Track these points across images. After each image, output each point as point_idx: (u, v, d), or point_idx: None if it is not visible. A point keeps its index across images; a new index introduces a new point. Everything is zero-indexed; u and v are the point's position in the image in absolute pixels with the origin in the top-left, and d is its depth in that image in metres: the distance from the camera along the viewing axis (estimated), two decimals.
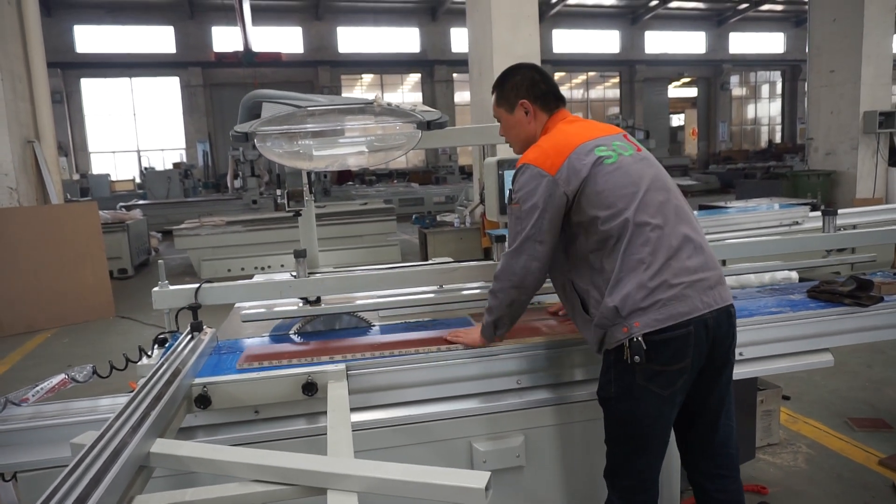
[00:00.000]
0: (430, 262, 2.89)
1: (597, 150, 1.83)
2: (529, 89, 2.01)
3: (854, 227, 4.99)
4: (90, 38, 21.51)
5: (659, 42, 27.55)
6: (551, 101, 2.02)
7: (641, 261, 1.73)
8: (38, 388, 2.03)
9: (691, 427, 1.93)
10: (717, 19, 27.90)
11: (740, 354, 2.24)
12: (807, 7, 10.68)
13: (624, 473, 1.88)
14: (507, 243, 1.91)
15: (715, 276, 1.80)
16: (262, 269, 8.80)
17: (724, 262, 3.47)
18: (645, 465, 1.85)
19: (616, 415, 1.84)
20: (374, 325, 2.46)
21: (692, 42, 28.26)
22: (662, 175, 1.90)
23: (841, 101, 9.90)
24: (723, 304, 1.79)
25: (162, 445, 1.32)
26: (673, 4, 25.54)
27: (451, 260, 2.82)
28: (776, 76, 30.49)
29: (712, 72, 28.66)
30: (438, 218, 8.97)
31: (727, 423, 1.93)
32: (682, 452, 2.00)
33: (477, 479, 1.09)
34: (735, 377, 2.26)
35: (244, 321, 2.27)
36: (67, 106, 21.21)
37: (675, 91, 29.44)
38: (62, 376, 2.08)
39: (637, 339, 1.70)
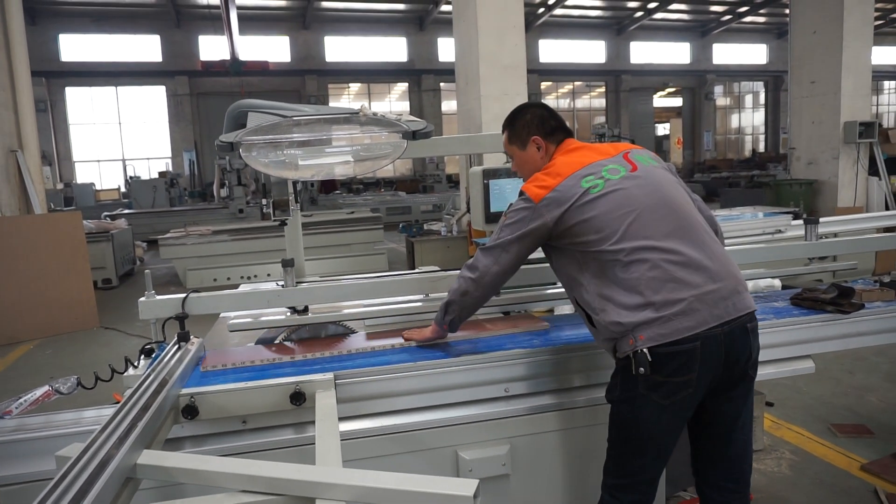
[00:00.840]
0: (416, 270, 2.90)
1: (583, 181, 1.89)
2: (540, 126, 2.12)
3: (836, 235, 5.08)
4: (75, 47, 21.37)
5: (644, 52, 27.88)
6: (560, 135, 2.13)
7: (640, 278, 1.75)
8: (21, 400, 2.01)
9: (703, 436, 1.95)
10: (700, 30, 28.30)
11: None
12: (788, 19, 10.86)
13: (617, 472, 1.91)
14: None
15: (727, 286, 1.79)
16: (249, 278, 8.74)
17: None
18: (638, 468, 1.87)
19: (617, 417, 1.89)
20: (357, 332, 2.47)
21: (677, 52, 28.63)
22: (664, 191, 1.89)
23: (822, 111, 10.07)
24: (736, 315, 1.78)
25: (149, 457, 1.31)
26: (658, 15, 25.87)
27: (439, 269, 2.84)
28: (759, 86, 30.94)
29: (697, 82, 29.04)
30: (425, 226, 8.98)
31: (742, 438, 1.93)
32: (693, 459, 2.02)
33: (465, 486, 1.09)
34: None
35: (231, 331, 2.26)
36: (52, 115, 21.05)
37: (661, 101, 29.78)
38: (46, 388, 2.06)
39: (642, 351, 1.72)
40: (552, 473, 2.19)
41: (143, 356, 2.16)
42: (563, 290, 2.61)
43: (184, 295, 2.20)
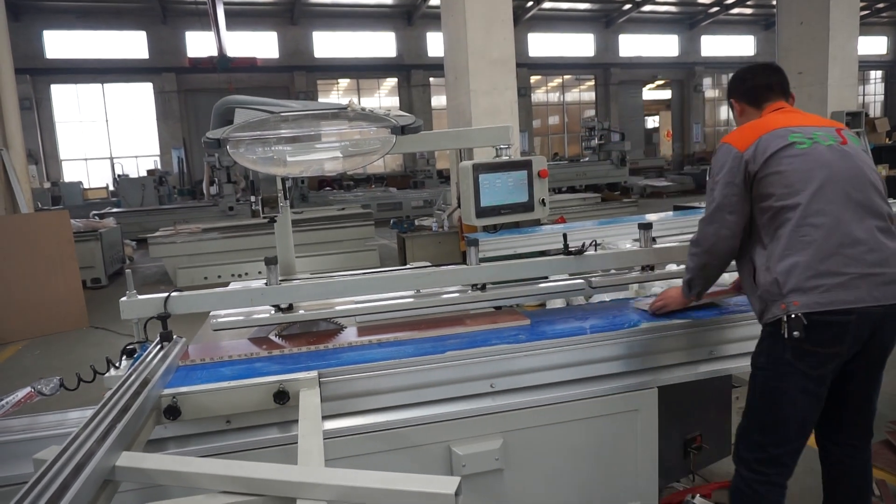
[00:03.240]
0: (408, 266, 2.88)
1: (791, 135, 1.92)
2: (736, 88, 2.20)
3: None
4: (60, 44, 21.11)
5: (633, 45, 27.89)
6: (759, 94, 2.14)
7: (811, 243, 1.79)
8: (2, 402, 1.97)
9: (830, 400, 1.96)
10: (688, 22, 28.33)
11: (710, 353, 2.27)
12: (775, 10, 10.88)
13: (756, 445, 1.94)
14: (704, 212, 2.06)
15: (894, 273, 1.82)
16: (240, 276, 8.68)
17: None
18: (780, 440, 1.90)
19: (760, 385, 1.93)
20: (346, 327, 2.45)
21: (665, 45, 28.66)
22: (865, 171, 1.92)
23: (809, 101, 10.09)
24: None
25: (128, 458, 1.29)
26: (646, 8, 25.87)
27: (430, 264, 2.81)
28: None
29: (685, 74, 29.08)
30: (417, 222, 8.96)
31: (860, 403, 2.01)
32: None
33: (447, 484, 1.08)
34: (709, 375, 2.30)
35: (215, 329, 2.23)
36: (37, 113, 20.78)
37: (650, 93, 29.81)
38: (28, 389, 2.03)
39: (797, 315, 1.76)
40: (546, 467, 2.19)
41: (124, 357, 2.13)
42: (555, 284, 2.61)
43: (166, 294, 2.17)
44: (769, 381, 1.88)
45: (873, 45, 30.69)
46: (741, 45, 29.95)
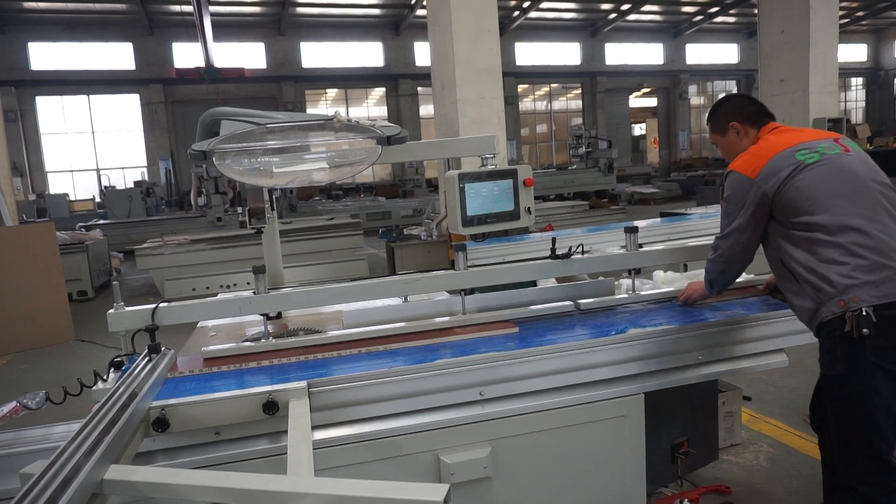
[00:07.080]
0: (396, 275, 2.88)
1: (798, 154, 2.00)
2: (738, 112, 2.29)
3: None
4: (46, 56, 20.98)
5: (619, 54, 28.17)
6: (760, 117, 2.27)
7: (853, 245, 1.83)
8: None
9: None
10: (673, 31, 28.67)
11: (696, 358, 2.30)
12: (757, 19, 11.05)
13: (864, 459, 1.86)
14: (720, 228, 2.23)
15: None
16: (229, 287, 8.63)
17: (685, 267, 3.55)
18: (883, 447, 1.83)
19: (847, 394, 1.87)
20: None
21: (651, 53, 28.98)
22: (873, 175, 1.99)
23: (792, 108, 10.24)
24: None
25: (116, 472, 1.28)
26: (631, 17, 26.15)
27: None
28: (731, 85, 31.42)
29: (671, 82, 29.40)
30: (406, 231, 8.97)
31: None
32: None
33: (435, 491, 1.09)
34: (695, 380, 2.33)
35: (206, 358, 2.20)
36: (22, 125, 20.62)
37: (636, 101, 30.09)
38: (13, 404, 2.02)
39: (865, 311, 1.76)
40: (534, 474, 2.19)
41: (112, 369, 2.12)
42: (543, 307, 2.59)
43: (153, 305, 2.17)
44: (857, 385, 1.83)
45: (853, 52, 31.21)
46: (725, 53, 30.35)
